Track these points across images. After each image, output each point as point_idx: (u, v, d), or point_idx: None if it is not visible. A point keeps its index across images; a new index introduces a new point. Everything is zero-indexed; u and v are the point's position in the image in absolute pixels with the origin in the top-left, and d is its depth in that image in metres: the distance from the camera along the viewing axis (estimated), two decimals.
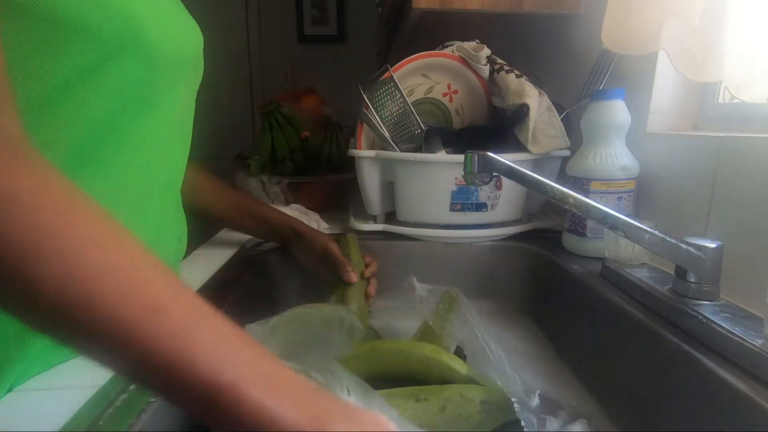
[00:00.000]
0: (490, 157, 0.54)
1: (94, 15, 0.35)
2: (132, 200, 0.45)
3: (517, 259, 0.81)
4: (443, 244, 0.81)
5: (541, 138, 0.78)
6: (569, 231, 0.74)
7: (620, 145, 0.69)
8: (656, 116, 0.71)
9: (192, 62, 0.50)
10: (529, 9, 0.86)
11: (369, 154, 0.81)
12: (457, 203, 0.78)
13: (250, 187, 1.03)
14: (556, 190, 0.51)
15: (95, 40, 0.36)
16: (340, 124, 1.15)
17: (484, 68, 0.84)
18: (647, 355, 0.50)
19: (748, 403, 0.38)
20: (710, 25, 0.58)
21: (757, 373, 0.39)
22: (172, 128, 0.49)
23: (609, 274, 0.62)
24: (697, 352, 0.44)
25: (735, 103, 0.66)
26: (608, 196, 0.68)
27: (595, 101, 0.70)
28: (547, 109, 0.79)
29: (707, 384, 0.42)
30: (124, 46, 0.38)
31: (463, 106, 0.90)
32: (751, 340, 0.41)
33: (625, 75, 0.75)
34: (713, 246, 0.47)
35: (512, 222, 0.83)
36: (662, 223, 0.63)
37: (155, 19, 0.40)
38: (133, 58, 0.39)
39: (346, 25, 2.70)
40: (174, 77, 0.46)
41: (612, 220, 0.49)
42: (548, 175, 0.67)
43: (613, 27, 0.67)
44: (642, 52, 0.64)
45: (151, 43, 0.39)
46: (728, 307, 0.48)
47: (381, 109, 0.82)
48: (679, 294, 0.50)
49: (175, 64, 0.45)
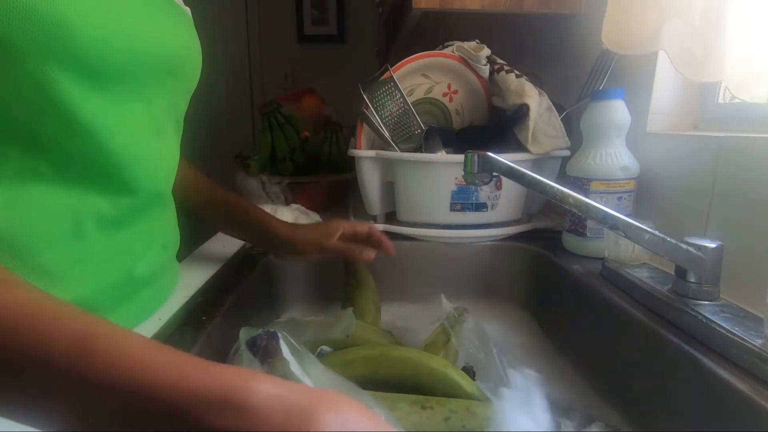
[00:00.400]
0: (490, 157, 0.54)
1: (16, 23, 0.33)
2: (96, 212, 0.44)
3: (517, 259, 0.81)
4: (443, 244, 0.81)
5: (541, 138, 0.78)
6: (569, 231, 0.74)
7: (620, 145, 0.69)
8: (656, 116, 0.71)
9: (164, 66, 0.47)
10: (529, 9, 0.86)
11: (369, 154, 0.81)
12: (457, 203, 0.78)
13: (250, 187, 1.03)
14: (556, 190, 0.51)
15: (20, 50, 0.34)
16: (340, 124, 1.15)
17: (484, 68, 0.84)
18: (647, 355, 0.50)
19: (748, 403, 0.38)
20: (710, 25, 0.58)
21: (757, 373, 0.39)
22: (144, 136, 0.47)
23: (609, 274, 0.62)
24: (697, 352, 0.44)
25: (735, 103, 0.66)
26: (608, 196, 0.68)
27: (595, 101, 0.70)
28: (547, 109, 0.79)
29: (707, 384, 0.42)
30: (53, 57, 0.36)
31: (463, 106, 0.90)
32: (751, 340, 0.41)
33: (625, 75, 0.75)
34: (713, 246, 0.47)
35: (512, 222, 0.83)
36: (662, 223, 0.63)
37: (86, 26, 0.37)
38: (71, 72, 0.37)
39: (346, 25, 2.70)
40: (136, 86, 0.44)
41: (612, 220, 0.49)
42: (548, 175, 0.67)
43: (613, 27, 0.67)
44: (642, 52, 0.64)
45: (81, 52, 0.37)
46: (728, 307, 0.48)
47: (381, 109, 0.82)
48: (679, 294, 0.50)
49: (129, 72, 0.42)
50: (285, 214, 0.90)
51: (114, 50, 0.40)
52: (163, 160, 0.52)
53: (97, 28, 0.38)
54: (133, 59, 0.43)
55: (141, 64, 0.44)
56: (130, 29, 0.42)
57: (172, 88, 0.51)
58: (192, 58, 0.54)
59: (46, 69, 0.36)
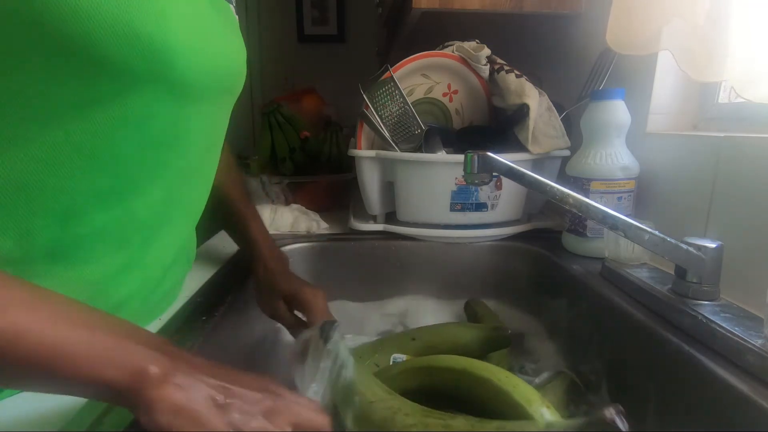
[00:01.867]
0: (490, 157, 0.54)
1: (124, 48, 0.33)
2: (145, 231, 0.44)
3: (517, 259, 0.81)
4: (443, 244, 0.81)
5: (541, 138, 0.78)
6: (569, 231, 0.74)
7: (620, 145, 0.69)
8: (656, 116, 0.71)
9: (228, 83, 0.47)
10: (529, 9, 0.86)
11: (369, 154, 0.81)
12: (457, 203, 0.78)
13: (250, 187, 1.03)
14: (556, 190, 0.51)
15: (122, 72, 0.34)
16: (340, 124, 1.15)
17: (484, 68, 0.84)
18: (647, 355, 0.50)
19: (748, 403, 0.38)
20: (714, 25, 0.57)
21: (757, 373, 0.39)
22: (198, 154, 0.46)
23: (609, 274, 0.62)
24: (697, 352, 0.44)
25: (735, 103, 0.66)
26: (608, 196, 0.68)
27: (595, 101, 0.70)
28: (547, 109, 0.79)
29: (707, 384, 0.42)
30: (151, 79, 0.36)
31: (463, 106, 0.90)
32: (751, 340, 0.41)
33: (625, 75, 0.75)
34: (713, 246, 0.47)
35: (512, 222, 0.83)
36: (662, 223, 0.63)
37: (187, 49, 0.37)
38: (158, 90, 0.37)
39: (346, 25, 2.70)
40: (204, 103, 0.43)
41: (612, 220, 0.49)
42: (548, 175, 0.67)
43: (617, 27, 0.67)
44: (646, 52, 0.64)
45: (178, 76, 0.37)
46: (728, 307, 0.48)
47: (381, 109, 0.82)
48: (679, 294, 0.50)
49: (206, 90, 0.42)
50: (285, 214, 0.90)
51: (205, 74, 0.40)
52: (211, 176, 0.52)
53: (199, 57, 0.38)
54: (214, 79, 0.43)
55: (218, 84, 0.44)
56: (218, 54, 0.42)
57: (227, 104, 0.51)
58: (244, 75, 0.54)
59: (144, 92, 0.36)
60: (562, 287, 0.70)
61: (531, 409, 0.41)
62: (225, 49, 0.45)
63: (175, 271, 0.53)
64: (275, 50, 2.72)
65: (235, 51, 0.48)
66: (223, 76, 0.45)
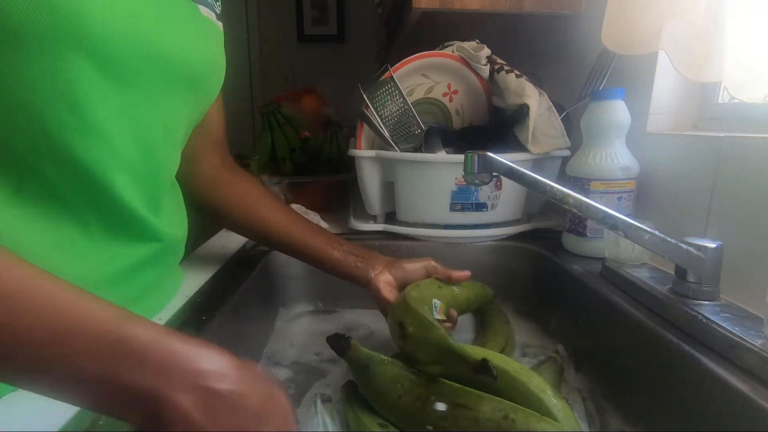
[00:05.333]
0: (490, 157, 0.54)
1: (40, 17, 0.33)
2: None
3: (517, 259, 0.81)
4: (443, 244, 0.81)
5: (541, 138, 0.78)
6: (569, 231, 0.74)
7: (620, 145, 0.69)
8: (656, 116, 0.71)
9: (175, 71, 0.46)
10: (529, 9, 0.86)
11: (369, 154, 0.81)
12: (457, 203, 0.78)
13: None
14: (556, 190, 0.51)
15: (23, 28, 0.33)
16: (340, 124, 1.15)
17: (484, 68, 0.84)
18: (647, 355, 0.50)
19: (748, 403, 0.38)
20: (711, 26, 0.58)
21: (757, 373, 0.39)
22: (158, 145, 0.46)
23: (609, 274, 0.62)
24: (697, 352, 0.44)
25: (735, 103, 0.66)
26: (608, 196, 0.68)
27: (595, 101, 0.70)
28: (547, 109, 0.79)
29: (707, 384, 0.42)
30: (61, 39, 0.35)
31: (463, 106, 0.90)
32: (751, 340, 0.41)
33: (625, 75, 0.75)
34: (713, 246, 0.47)
35: (512, 222, 0.83)
36: (662, 223, 0.63)
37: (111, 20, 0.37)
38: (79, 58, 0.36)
39: (346, 25, 2.70)
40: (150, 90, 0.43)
41: (612, 220, 0.49)
42: (548, 175, 0.67)
43: (613, 27, 0.67)
44: (642, 52, 0.64)
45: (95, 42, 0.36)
46: (728, 307, 0.48)
47: (381, 109, 0.82)
48: (679, 294, 0.50)
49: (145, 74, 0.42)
50: None
51: (132, 49, 0.40)
52: (174, 170, 0.52)
53: (118, 22, 0.38)
54: (151, 62, 0.42)
55: (159, 70, 0.43)
56: (152, 33, 0.41)
57: (190, 100, 0.50)
58: (214, 73, 0.53)
59: (65, 60, 0.35)
60: (562, 287, 0.70)
61: (546, 400, 0.44)
62: (175, 40, 0.44)
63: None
64: (275, 50, 2.72)
65: (194, 46, 0.48)
66: (173, 65, 0.45)
